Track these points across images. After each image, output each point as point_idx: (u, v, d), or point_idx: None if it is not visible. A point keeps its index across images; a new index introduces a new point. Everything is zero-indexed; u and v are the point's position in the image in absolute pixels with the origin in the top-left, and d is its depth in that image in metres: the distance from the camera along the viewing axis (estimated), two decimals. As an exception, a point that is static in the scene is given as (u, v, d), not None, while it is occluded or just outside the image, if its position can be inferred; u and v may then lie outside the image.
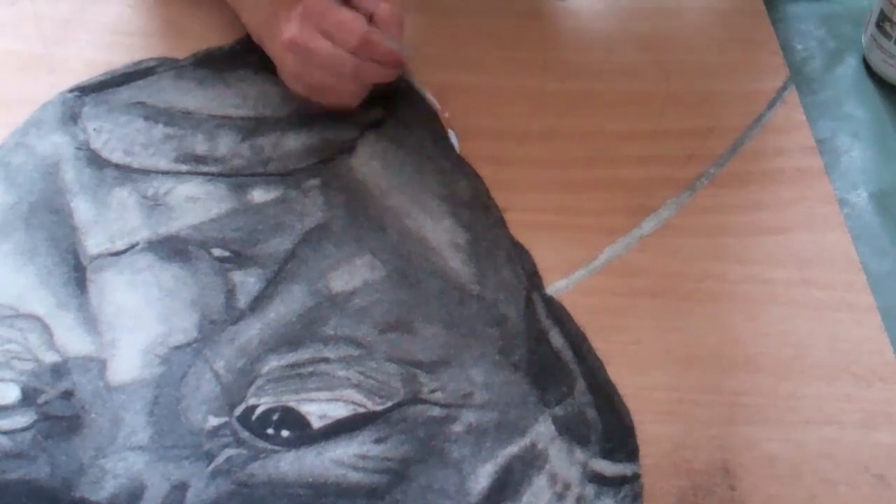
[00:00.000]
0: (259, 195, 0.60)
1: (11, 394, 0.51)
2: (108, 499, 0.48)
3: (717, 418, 0.52)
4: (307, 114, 0.63)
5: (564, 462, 0.50)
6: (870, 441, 0.51)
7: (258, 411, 0.51)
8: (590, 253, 0.58)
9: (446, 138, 0.63)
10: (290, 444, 0.50)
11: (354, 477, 0.49)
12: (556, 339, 0.54)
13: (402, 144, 0.63)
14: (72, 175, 0.60)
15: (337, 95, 0.61)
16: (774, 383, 0.53)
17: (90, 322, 0.54)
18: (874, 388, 0.53)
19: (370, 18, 0.59)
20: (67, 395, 0.51)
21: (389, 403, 0.51)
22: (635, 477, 0.50)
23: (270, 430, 0.50)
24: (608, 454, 0.50)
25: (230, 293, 0.55)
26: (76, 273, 0.56)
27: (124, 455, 0.49)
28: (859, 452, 0.51)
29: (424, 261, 0.57)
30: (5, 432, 0.50)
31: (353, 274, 0.56)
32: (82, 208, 0.59)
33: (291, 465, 0.49)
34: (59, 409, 0.51)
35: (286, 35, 0.58)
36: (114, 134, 0.62)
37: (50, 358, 0.52)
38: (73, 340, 0.53)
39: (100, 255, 0.57)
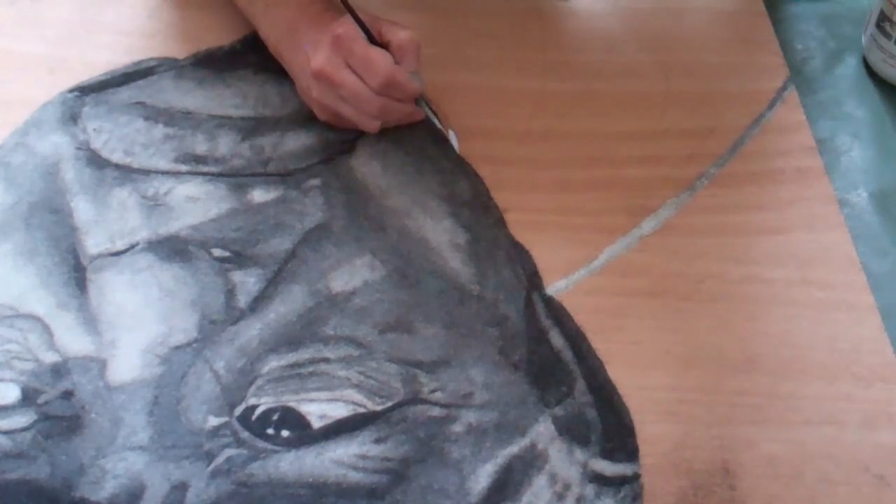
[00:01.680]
0: (259, 195, 0.60)
1: (11, 394, 0.51)
2: (108, 499, 0.48)
3: (717, 418, 0.52)
4: (307, 114, 0.63)
5: (564, 462, 0.50)
6: (870, 441, 0.51)
7: (258, 411, 0.51)
8: (590, 253, 0.58)
9: (446, 138, 0.63)
10: (290, 444, 0.50)
11: (354, 477, 0.49)
12: (556, 339, 0.54)
13: (402, 144, 0.63)
14: (72, 175, 0.60)
15: (356, 125, 0.61)
16: (774, 383, 0.53)
17: (90, 322, 0.54)
18: (874, 388, 0.53)
19: (386, 47, 0.59)
20: (67, 395, 0.51)
21: (389, 403, 0.51)
22: (635, 477, 0.50)
23: (270, 430, 0.50)
24: (608, 454, 0.50)
25: (230, 293, 0.55)
26: (76, 273, 0.56)
27: (124, 455, 0.49)
28: (859, 452, 0.51)
29: (424, 261, 0.57)
30: (5, 432, 0.50)
31: (353, 274, 0.56)
32: (82, 208, 0.59)
33: (291, 465, 0.49)
34: (59, 409, 0.51)
35: (315, 63, 0.58)
36: (114, 134, 0.62)
37: (50, 358, 0.52)
38: (73, 340, 0.53)
39: (100, 255, 0.57)
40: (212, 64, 0.67)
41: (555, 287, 0.57)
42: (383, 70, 0.58)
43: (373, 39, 0.59)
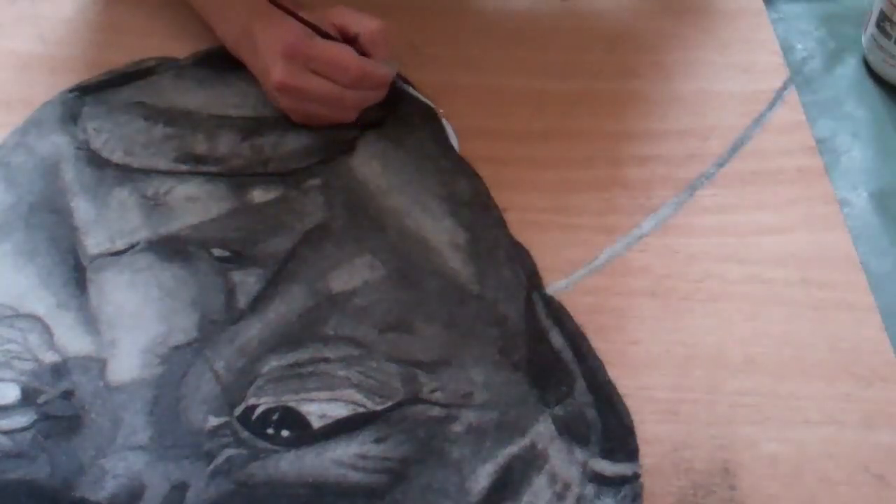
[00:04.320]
0: (259, 195, 0.60)
1: (11, 394, 0.51)
2: (108, 499, 0.48)
3: (717, 418, 0.52)
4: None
5: (564, 462, 0.50)
6: (870, 441, 0.51)
7: (258, 411, 0.51)
8: (590, 253, 0.58)
9: (446, 138, 0.63)
10: (290, 443, 0.50)
11: (354, 477, 0.49)
12: (556, 339, 0.54)
13: (402, 144, 0.63)
14: (72, 175, 0.60)
15: (332, 120, 0.62)
16: (774, 383, 0.53)
17: (90, 322, 0.54)
18: (874, 388, 0.53)
19: (355, 39, 0.59)
20: (67, 395, 0.51)
21: (389, 403, 0.51)
22: (635, 477, 0.50)
23: (270, 430, 0.50)
24: (608, 454, 0.50)
25: (230, 293, 0.55)
26: (76, 273, 0.56)
27: (124, 455, 0.49)
28: (859, 452, 0.51)
29: (424, 261, 0.57)
30: (5, 432, 0.50)
31: (353, 274, 0.56)
32: (82, 208, 0.59)
33: (291, 465, 0.49)
34: (59, 409, 0.51)
35: (275, 78, 0.58)
36: (114, 134, 0.62)
37: (50, 358, 0.52)
38: (73, 340, 0.53)
39: (100, 255, 0.57)
40: (212, 64, 0.67)
41: (555, 287, 0.57)
42: (352, 66, 0.58)
43: (323, 34, 0.59)
